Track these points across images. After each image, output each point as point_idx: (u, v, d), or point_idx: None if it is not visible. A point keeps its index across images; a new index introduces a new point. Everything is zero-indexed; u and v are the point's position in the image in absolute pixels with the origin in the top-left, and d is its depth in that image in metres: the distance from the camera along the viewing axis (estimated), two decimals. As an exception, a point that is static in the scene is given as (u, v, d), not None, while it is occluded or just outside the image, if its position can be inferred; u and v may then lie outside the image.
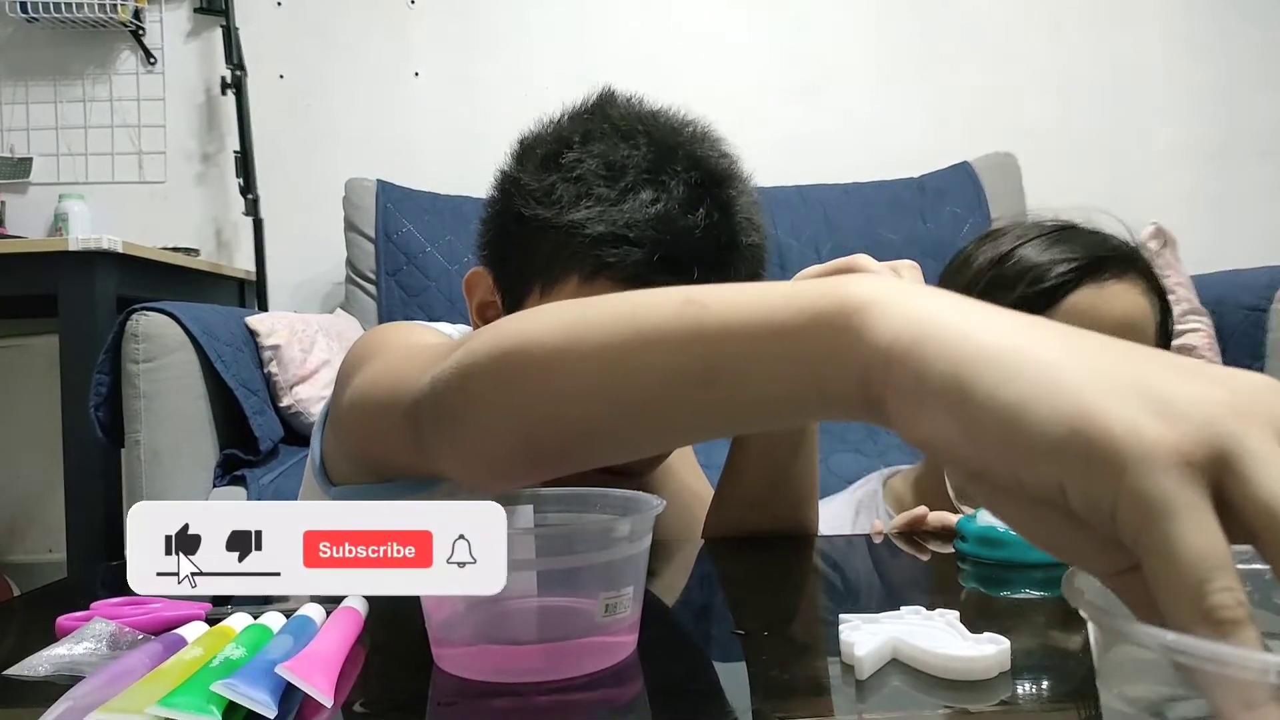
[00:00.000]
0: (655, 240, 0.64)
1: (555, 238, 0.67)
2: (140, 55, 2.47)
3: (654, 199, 0.65)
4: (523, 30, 2.47)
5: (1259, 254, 1.99)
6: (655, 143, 0.68)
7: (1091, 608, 0.29)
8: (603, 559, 0.44)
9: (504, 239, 0.73)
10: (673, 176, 0.66)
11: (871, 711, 0.38)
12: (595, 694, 0.41)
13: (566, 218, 0.66)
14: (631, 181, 0.66)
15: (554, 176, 0.68)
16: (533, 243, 0.69)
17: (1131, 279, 0.78)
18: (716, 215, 0.66)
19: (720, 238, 0.66)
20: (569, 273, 0.67)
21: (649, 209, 0.64)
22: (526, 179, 0.70)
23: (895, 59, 2.53)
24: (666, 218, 0.64)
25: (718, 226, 0.66)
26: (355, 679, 0.43)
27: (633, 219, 0.64)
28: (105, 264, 1.81)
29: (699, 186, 0.66)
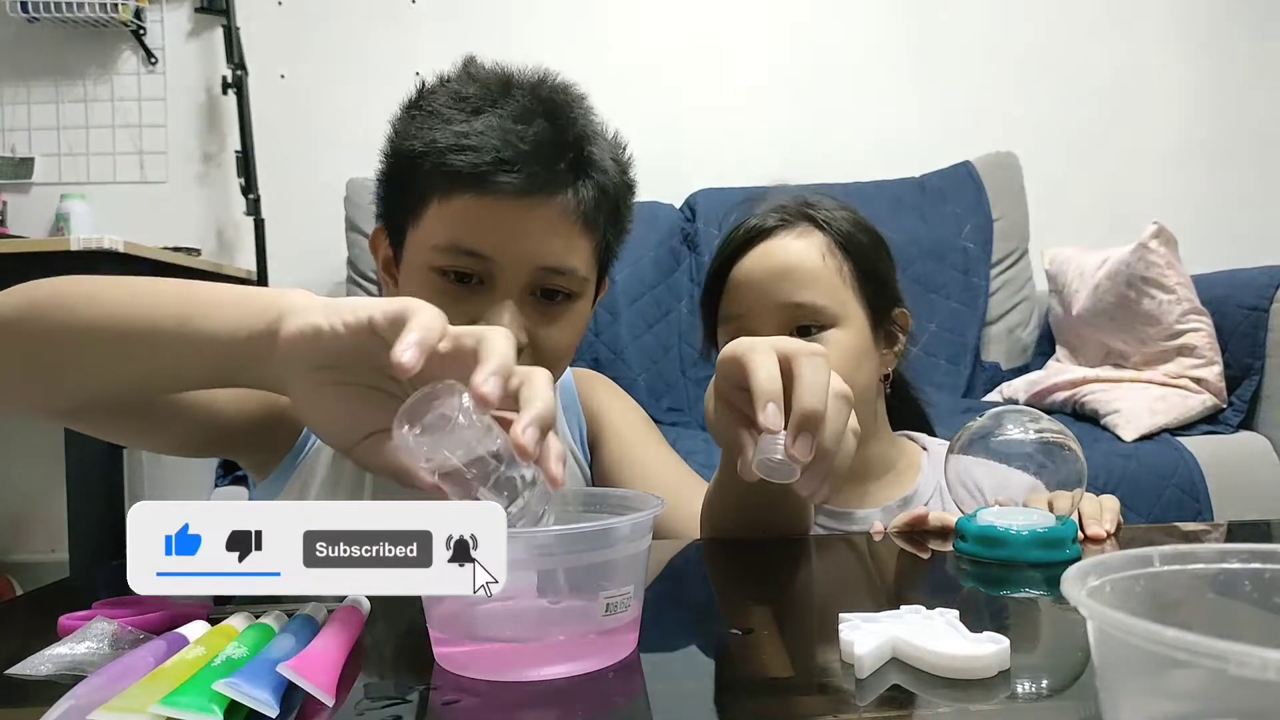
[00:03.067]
0: (493, 146, 0.74)
1: (416, 166, 0.78)
2: (141, 55, 2.47)
3: (492, 116, 0.76)
4: (523, 30, 2.47)
5: (1259, 254, 1.99)
6: (499, 80, 0.80)
7: (1091, 607, 0.29)
8: (603, 558, 0.44)
9: (384, 188, 0.84)
10: (510, 102, 0.78)
11: (871, 710, 0.38)
12: (595, 693, 0.41)
13: (421, 143, 0.77)
14: (475, 107, 0.77)
15: (413, 114, 0.81)
16: (401, 180, 0.81)
17: (780, 234, 0.91)
18: (547, 126, 0.77)
19: (556, 144, 0.77)
20: (429, 198, 0.78)
21: (489, 123, 0.76)
22: (395, 125, 0.83)
23: (896, 58, 2.53)
24: (502, 128, 0.75)
25: (551, 135, 0.77)
26: (356, 678, 0.43)
27: (473, 130, 0.75)
28: (107, 264, 1.82)
29: (532, 108, 0.78)
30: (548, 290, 0.79)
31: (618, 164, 0.84)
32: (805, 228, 0.92)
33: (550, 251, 0.78)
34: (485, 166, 0.74)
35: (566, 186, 0.77)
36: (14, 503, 2.44)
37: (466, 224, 0.76)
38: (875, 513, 0.91)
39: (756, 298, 0.89)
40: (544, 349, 0.79)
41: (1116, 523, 0.74)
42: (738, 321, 0.91)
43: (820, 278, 0.89)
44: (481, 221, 0.76)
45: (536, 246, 0.77)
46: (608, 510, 0.51)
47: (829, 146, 2.45)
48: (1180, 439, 1.60)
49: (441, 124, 0.77)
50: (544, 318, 0.79)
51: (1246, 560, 0.35)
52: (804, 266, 0.89)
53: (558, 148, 0.77)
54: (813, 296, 0.88)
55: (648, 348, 2.13)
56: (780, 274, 0.89)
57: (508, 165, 0.74)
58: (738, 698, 0.41)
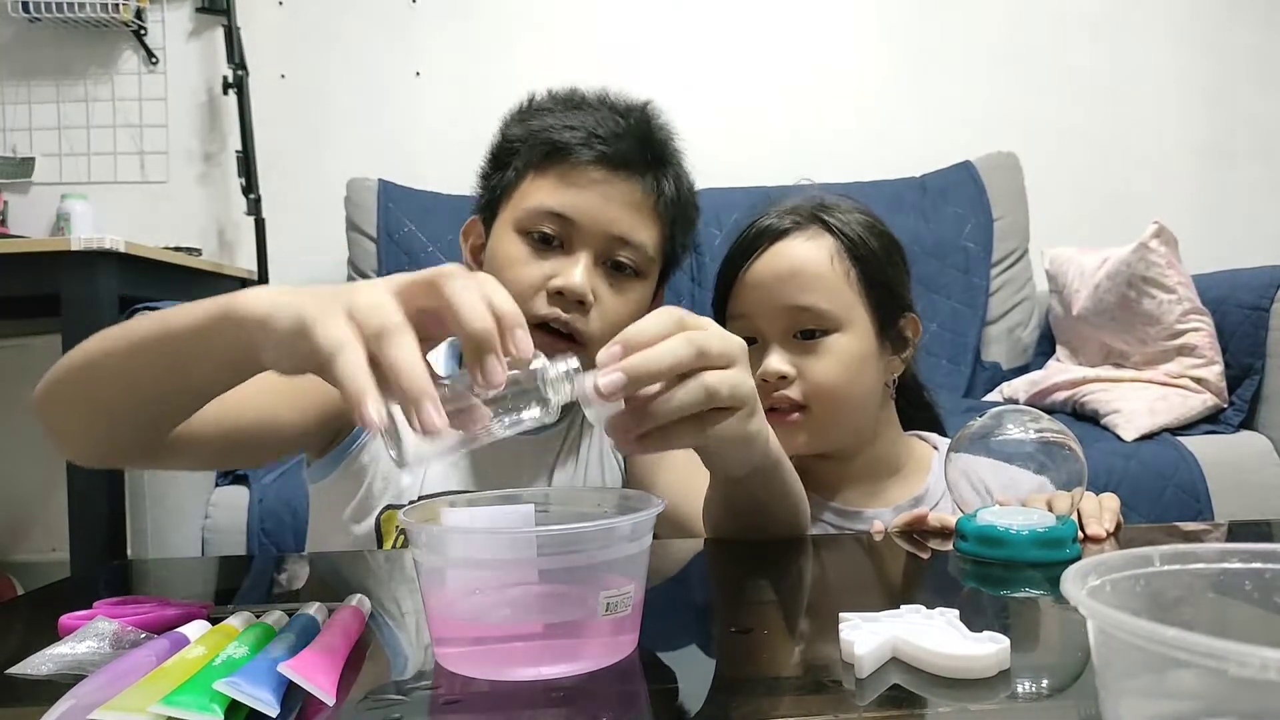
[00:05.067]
0: (588, 126, 0.87)
1: (518, 148, 0.90)
2: (142, 55, 2.47)
3: (590, 112, 0.90)
4: (524, 30, 2.47)
5: (1259, 254, 1.98)
6: (599, 93, 0.94)
7: (1091, 607, 0.29)
8: (603, 558, 0.44)
9: (487, 180, 0.94)
10: (608, 106, 0.92)
11: (871, 710, 0.38)
12: (595, 693, 0.41)
13: (525, 130, 0.90)
14: (577, 105, 0.92)
15: (521, 112, 0.95)
16: (503, 164, 0.92)
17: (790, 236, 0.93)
18: (637, 124, 0.90)
19: (643, 136, 0.89)
20: (525, 173, 0.89)
21: (585, 115, 0.89)
22: (502, 127, 0.95)
23: (897, 58, 2.53)
24: (597, 117, 0.89)
25: (640, 130, 0.90)
26: (356, 678, 0.43)
27: (577, 118, 0.89)
28: (107, 264, 1.81)
29: (627, 111, 0.92)
30: (616, 262, 0.87)
31: (686, 180, 0.96)
32: (816, 230, 0.92)
33: (625, 223, 0.87)
34: (578, 139, 0.86)
35: (647, 172, 0.88)
36: (14, 503, 2.44)
37: (555, 189, 0.86)
38: (885, 512, 0.91)
39: (762, 299, 0.90)
40: (607, 314, 0.86)
41: (1117, 522, 0.74)
42: (743, 321, 0.92)
43: (826, 282, 0.90)
44: (568, 187, 0.86)
45: (614, 215, 0.86)
46: (609, 510, 0.51)
47: (829, 146, 2.45)
48: (1180, 439, 1.60)
49: (547, 114, 0.91)
50: (610, 286, 0.87)
51: (1246, 560, 0.35)
52: (810, 270, 0.90)
53: (644, 139, 0.89)
54: (816, 300, 0.89)
55: (648, 347, 2.13)
56: (786, 276, 0.90)
57: (599, 140, 0.86)
58: (737, 697, 0.41)
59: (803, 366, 0.89)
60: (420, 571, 0.46)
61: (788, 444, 0.89)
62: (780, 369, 0.88)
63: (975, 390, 2.08)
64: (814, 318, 0.89)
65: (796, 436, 0.89)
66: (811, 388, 0.88)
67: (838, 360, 0.89)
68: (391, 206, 2.18)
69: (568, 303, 0.84)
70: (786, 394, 0.88)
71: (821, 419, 0.89)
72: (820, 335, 0.89)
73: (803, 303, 0.89)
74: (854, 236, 0.93)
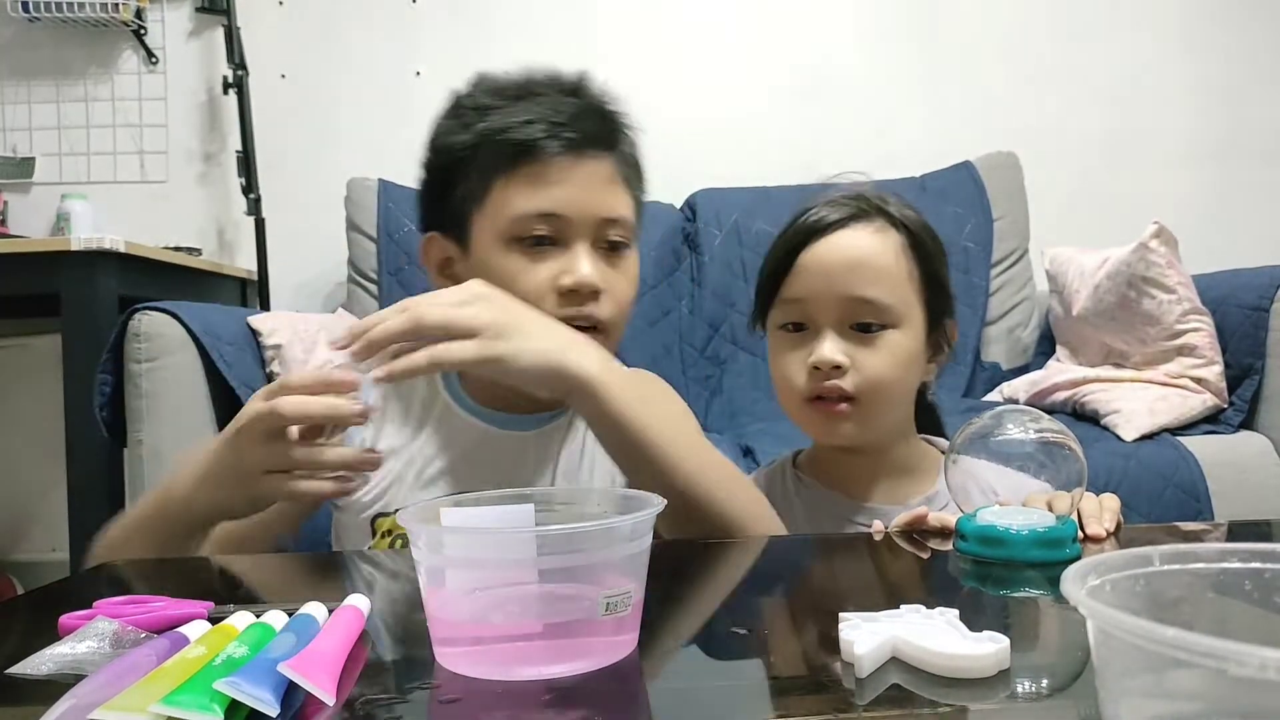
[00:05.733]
0: (544, 116, 0.84)
1: (472, 157, 0.86)
2: (142, 55, 2.47)
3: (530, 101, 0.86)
4: (524, 30, 2.47)
5: (1259, 254, 1.98)
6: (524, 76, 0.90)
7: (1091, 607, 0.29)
8: (603, 558, 0.44)
9: (433, 193, 0.92)
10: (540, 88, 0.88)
11: (871, 710, 0.38)
12: (595, 693, 0.41)
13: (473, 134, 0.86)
14: (514, 95, 0.87)
15: (458, 114, 0.89)
16: (456, 177, 0.88)
17: (860, 224, 0.91)
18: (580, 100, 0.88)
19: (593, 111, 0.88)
20: (491, 180, 0.85)
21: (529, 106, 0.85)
22: (435, 136, 0.91)
23: (897, 58, 2.53)
24: (543, 105, 0.85)
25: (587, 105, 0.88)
26: (357, 677, 0.43)
27: (519, 111, 0.85)
28: (107, 264, 1.81)
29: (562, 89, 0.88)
30: (612, 242, 0.88)
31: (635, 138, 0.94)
32: (882, 224, 0.91)
33: (609, 203, 0.87)
34: (540, 133, 0.84)
35: (610, 146, 0.88)
36: (15, 502, 2.44)
37: (534, 189, 0.84)
38: (899, 509, 0.91)
39: (823, 285, 0.88)
40: (615, 294, 0.87)
41: (1117, 522, 0.74)
42: (799, 305, 0.90)
43: (891, 276, 0.88)
44: (547, 183, 0.84)
45: (599, 199, 0.86)
46: (608, 509, 0.51)
47: (829, 146, 2.45)
48: (1180, 439, 1.60)
49: (488, 113, 0.86)
50: (611, 266, 0.88)
51: (1246, 560, 0.35)
52: (877, 263, 0.88)
53: (596, 114, 0.88)
54: (880, 294, 0.87)
55: (648, 347, 2.13)
56: (852, 265, 0.88)
57: (562, 128, 0.84)
58: (737, 697, 0.41)
59: (856, 358, 0.87)
60: (420, 571, 0.46)
61: (832, 433, 0.90)
62: (836, 359, 0.86)
63: (975, 390, 2.08)
64: (875, 311, 0.87)
65: (842, 426, 0.88)
66: (864, 381, 0.87)
67: (891, 355, 0.87)
68: (391, 206, 2.18)
69: (583, 297, 0.84)
70: (839, 384, 0.87)
71: (868, 412, 0.88)
72: (878, 329, 0.87)
73: (866, 295, 0.87)
74: (917, 233, 0.92)
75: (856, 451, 0.93)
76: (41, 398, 2.19)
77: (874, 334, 0.87)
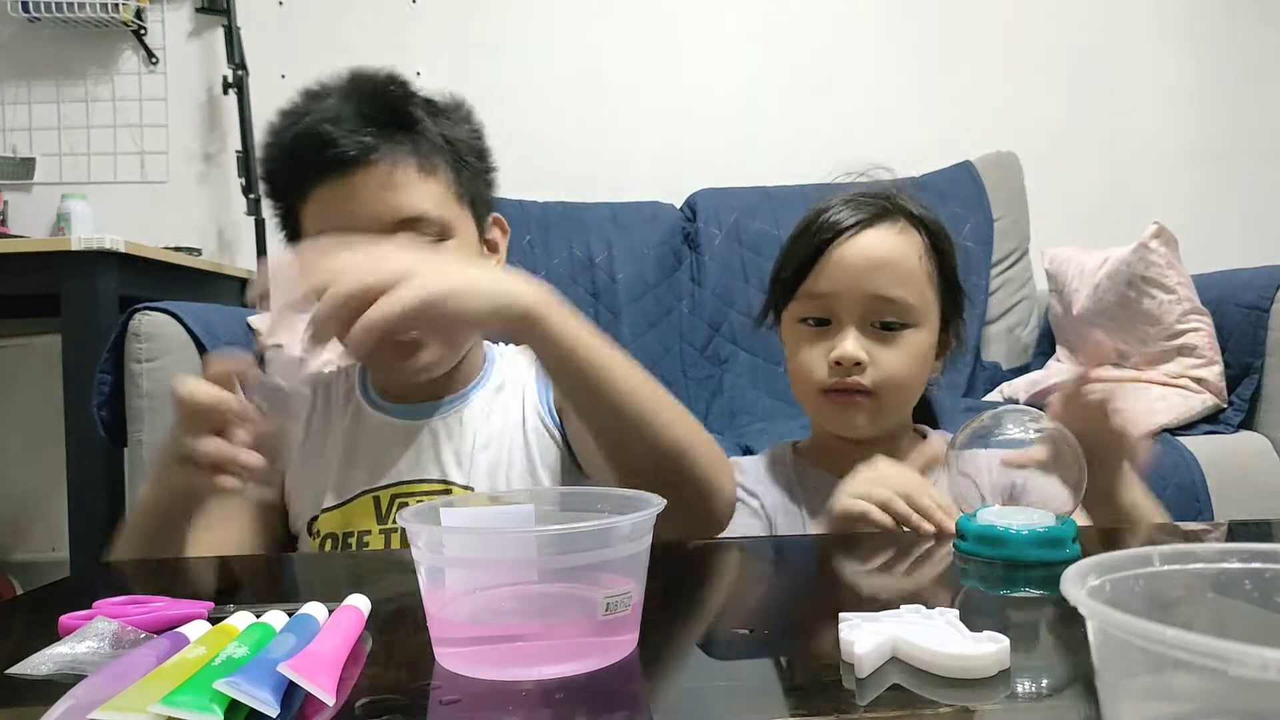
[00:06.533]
0: (318, 137, 0.86)
1: (279, 184, 0.92)
2: (142, 55, 2.47)
3: (313, 114, 0.88)
4: (525, 30, 2.47)
5: (1259, 254, 1.98)
6: (322, 85, 0.92)
7: (1091, 607, 0.29)
8: (603, 558, 0.44)
9: (279, 221, 0.95)
10: (328, 97, 0.90)
11: (871, 710, 0.38)
12: (595, 693, 0.41)
13: (271, 159, 0.92)
14: (303, 112, 0.90)
15: (269, 143, 0.93)
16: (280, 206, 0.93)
17: (885, 224, 0.92)
18: (351, 107, 0.88)
19: (362, 117, 0.87)
20: (298, 208, 0.90)
21: (310, 120, 0.88)
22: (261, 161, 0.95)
23: (897, 58, 2.53)
24: (315, 124, 0.87)
25: (356, 110, 0.87)
26: (357, 677, 0.43)
27: (300, 131, 0.88)
28: (107, 263, 1.81)
29: (340, 98, 0.89)
30: (422, 235, 0.88)
31: (451, 117, 0.95)
32: (904, 224, 0.93)
33: (396, 204, 0.87)
34: (314, 156, 0.86)
35: (389, 145, 0.87)
36: (14, 502, 2.44)
37: (324, 212, 0.87)
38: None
39: (849, 283, 0.90)
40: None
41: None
42: (823, 301, 0.92)
43: (914, 277, 0.91)
44: (332, 203, 0.87)
45: (384, 204, 0.86)
46: (608, 509, 0.51)
47: (829, 146, 2.45)
48: (1180, 439, 1.60)
49: (280, 142, 0.91)
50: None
51: (1246, 560, 0.35)
52: (902, 264, 0.91)
53: (369, 116, 0.87)
54: (904, 294, 0.90)
55: (649, 347, 2.13)
56: (879, 265, 0.90)
57: (328, 145, 0.85)
58: (738, 697, 0.41)
59: (876, 355, 0.90)
60: (420, 571, 0.46)
61: (847, 425, 0.93)
62: (858, 355, 0.89)
63: (975, 390, 2.08)
64: (898, 310, 0.90)
65: (857, 418, 0.91)
66: (883, 377, 0.90)
67: (910, 354, 0.90)
68: (391, 206, 2.18)
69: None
70: (859, 379, 0.90)
71: (883, 407, 0.91)
72: (899, 328, 0.90)
73: (891, 294, 0.89)
74: (935, 231, 0.94)
75: (866, 444, 0.94)
76: (41, 398, 2.19)
77: (895, 332, 0.90)
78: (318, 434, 0.97)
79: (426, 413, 0.96)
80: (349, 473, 0.94)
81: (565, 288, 2.14)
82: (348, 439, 0.96)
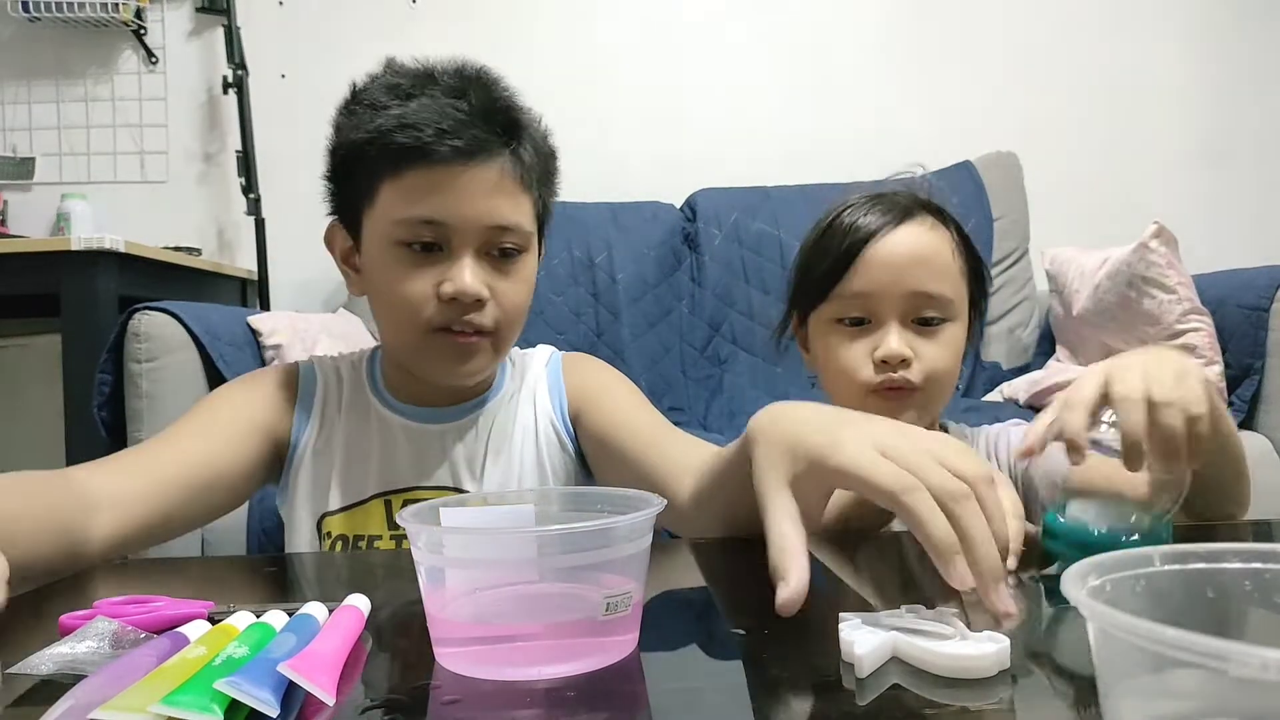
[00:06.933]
0: (432, 120, 0.81)
1: (363, 154, 0.84)
2: (142, 55, 2.47)
3: (425, 98, 0.83)
4: (525, 31, 2.47)
5: (1259, 254, 1.99)
6: (424, 70, 0.87)
7: (1091, 607, 0.29)
8: (603, 558, 0.44)
9: (335, 184, 0.91)
10: (438, 85, 0.85)
11: (871, 710, 0.38)
12: (595, 693, 0.41)
13: (364, 132, 0.84)
14: (407, 93, 0.84)
15: (353, 109, 0.87)
16: (349, 171, 0.87)
17: (916, 221, 0.93)
18: (476, 99, 0.84)
19: (487, 112, 0.84)
20: (380, 180, 0.84)
21: (424, 103, 0.82)
22: (336, 125, 0.90)
23: (897, 58, 2.53)
24: (437, 105, 0.82)
25: (482, 105, 0.84)
26: (357, 677, 0.43)
27: (411, 110, 0.82)
28: (107, 263, 1.82)
29: (459, 86, 0.85)
30: (502, 249, 0.86)
31: (539, 132, 0.92)
32: (934, 221, 0.95)
33: (498, 210, 0.85)
34: (428, 139, 0.81)
35: (503, 149, 0.85)
36: (14, 502, 2.44)
37: (419, 195, 0.83)
38: None
39: (890, 280, 0.91)
40: (504, 303, 0.87)
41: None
42: (861, 300, 0.92)
43: (950, 272, 0.93)
44: (432, 190, 0.83)
45: (486, 207, 0.84)
46: (609, 510, 0.51)
47: (829, 146, 2.45)
48: (1180, 439, 1.60)
49: (381, 111, 0.84)
50: (500, 274, 0.87)
51: (1246, 560, 0.35)
52: (938, 259, 0.93)
53: (490, 115, 0.84)
54: (943, 289, 0.91)
55: (649, 347, 2.13)
56: (918, 261, 0.91)
57: (448, 134, 0.81)
58: (738, 698, 0.41)
59: (919, 350, 0.91)
60: (420, 571, 0.46)
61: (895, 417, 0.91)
62: (904, 352, 0.90)
63: (975, 390, 2.08)
64: (938, 305, 0.91)
65: (905, 415, 0.92)
66: (928, 371, 0.91)
67: (949, 348, 0.92)
68: (391, 206, 2.18)
69: (464, 305, 0.84)
70: (906, 376, 0.90)
71: (928, 401, 0.93)
72: (938, 323, 0.92)
73: (931, 290, 0.91)
74: (964, 231, 0.96)
75: None
76: (41, 398, 2.19)
77: (935, 327, 0.92)
78: (327, 425, 0.94)
79: (441, 417, 0.94)
80: (358, 473, 0.92)
81: (565, 288, 2.14)
82: (356, 436, 0.94)
